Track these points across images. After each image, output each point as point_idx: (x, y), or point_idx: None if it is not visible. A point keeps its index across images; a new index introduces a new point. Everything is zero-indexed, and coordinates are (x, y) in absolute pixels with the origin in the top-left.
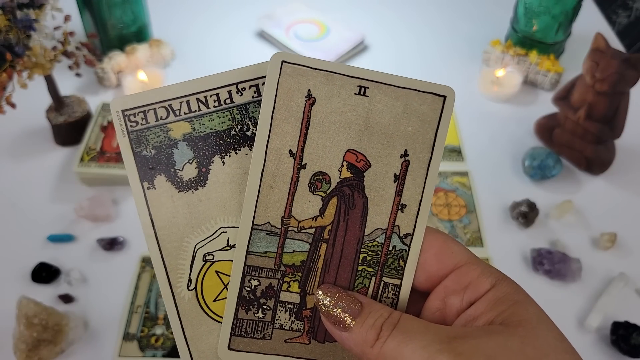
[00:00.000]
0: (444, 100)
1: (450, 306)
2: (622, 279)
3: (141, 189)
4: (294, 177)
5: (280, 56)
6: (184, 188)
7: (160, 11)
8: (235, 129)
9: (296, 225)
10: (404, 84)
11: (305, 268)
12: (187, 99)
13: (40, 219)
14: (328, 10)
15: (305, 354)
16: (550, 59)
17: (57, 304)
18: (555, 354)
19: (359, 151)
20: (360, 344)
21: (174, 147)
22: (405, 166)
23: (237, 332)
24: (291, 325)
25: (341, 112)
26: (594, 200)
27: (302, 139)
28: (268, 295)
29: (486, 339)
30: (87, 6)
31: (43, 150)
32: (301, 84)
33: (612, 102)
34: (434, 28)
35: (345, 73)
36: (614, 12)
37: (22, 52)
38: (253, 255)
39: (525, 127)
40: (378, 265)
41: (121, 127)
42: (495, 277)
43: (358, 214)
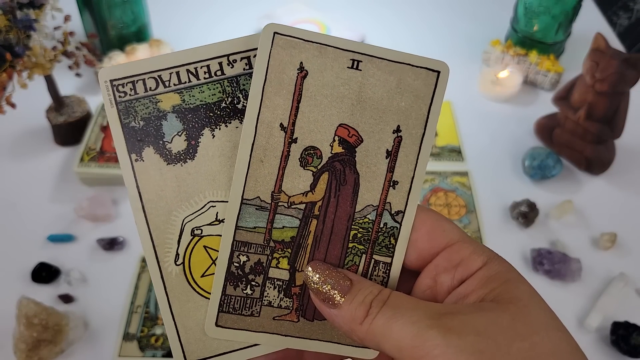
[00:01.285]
0: (437, 75)
1: (440, 284)
2: (622, 279)
3: (129, 161)
4: (285, 152)
5: (273, 27)
6: (172, 161)
7: (160, 11)
8: (225, 101)
9: (286, 201)
10: (398, 58)
11: (294, 244)
12: (177, 70)
13: (40, 219)
14: (328, 10)
15: (294, 332)
16: (550, 59)
17: (57, 304)
18: (546, 331)
19: (351, 126)
20: (349, 320)
21: (163, 119)
22: (398, 142)
23: (224, 309)
24: (280, 303)
25: (334, 85)
26: (594, 200)
27: (294, 113)
28: (257, 272)
29: (476, 315)
30: (87, 6)
31: (43, 150)
32: (293, 56)
33: (612, 102)
34: (434, 28)
35: (338, 46)
36: (615, 13)
37: (22, 52)
38: (242, 230)
39: (525, 127)
40: (369, 243)
41: (109, 97)
42: (487, 256)
43: (349, 190)
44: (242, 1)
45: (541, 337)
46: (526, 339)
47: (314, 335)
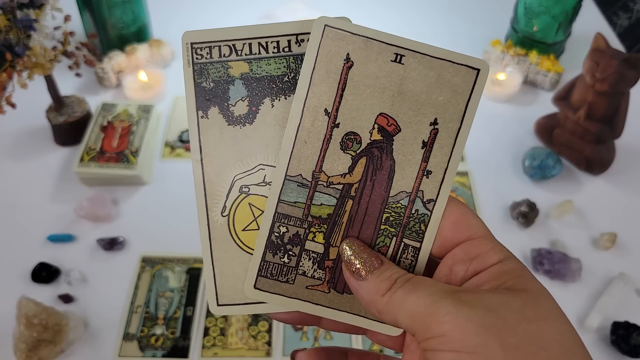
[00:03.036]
0: (477, 73)
1: (455, 274)
2: (622, 279)
3: (196, 117)
4: (327, 135)
5: (324, 20)
6: (233, 122)
7: (160, 11)
8: (288, 76)
9: (325, 180)
10: (439, 54)
11: (330, 221)
12: (249, 42)
13: (40, 219)
14: (328, 10)
15: (324, 302)
16: (550, 59)
17: (57, 304)
18: (553, 320)
19: (391, 115)
20: (372, 292)
21: (231, 84)
22: (434, 134)
23: (263, 273)
24: (313, 273)
25: (376, 77)
26: (594, 200)
27: (338, 100)
28: (294, 243)
29: (490, 294)
30: (87, 6)
31: (43, 150)
32: (341, 47)
33: (612, 102)
34: (434, 28)
35: (383, 40)
36: (615, 13)
37: (22, 52)
38: (284, 203)
39: (525, 127)
40: (400, 227)
41: (188, 57)
42: (504, 255)
43: (385, 176)
44: (242, 1)
45: (548, 324)
46: (533, 323)
47: (342, 307)
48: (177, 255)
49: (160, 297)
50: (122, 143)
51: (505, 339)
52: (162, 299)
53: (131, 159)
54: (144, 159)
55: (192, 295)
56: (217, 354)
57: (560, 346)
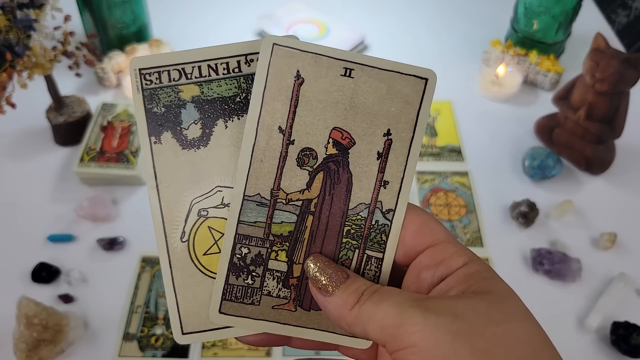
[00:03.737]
0: (425, 82)
1: (422, 280)
2: (622, 279)
3: (148, 143)
4: (283, 152)
5: (272, 39)
6: (187, 146)
7: (160, 11)
8: (240, 96)
9: (284, 198)
10: (387, 66)
11: (292, 238)
12: (199, 65)
13: (40, 219)
14: (328, 10)
15: (291, 321)
16: (550, 59)
17: (57, 304)
18: (520, 320)
19: (345, 129)
20: (340, 306)
21: (183, 107)
22: (388, 144)
23: (227, 297)
24: (278, 293)
25: (328, 92)
26: (594, 200)
27: (291, 117)
28: (257, 263)
29: (456, 300)
30: (87, 6)
31: (43, 150)
32: (291, 65)
33: (612, 102)
34: (434, 28)
35: (332, 55)
36: (614, 11)
37: (22, 52)
38: (244, 224)
39: (525, 127)
40: (361, 239)
41: (137, 84)
42: (468, 257)
43: (343, 189)
44: (242, 1)
45: (515, 325)
46: (500, 325)
47: (310, 325)
48: None
49: (160, 297)
50: (122, 143)
51: (474, 343)
52: (162, 299)
53: (131, 159)
54: None
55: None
56: (217, 354)
57: (528, 346)
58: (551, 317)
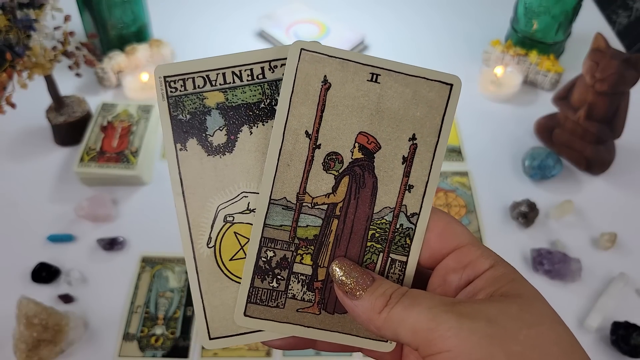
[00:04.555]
0: (450, 88)
1: (449, 283)
2: (622, 279)
3: (174, 150)
4: (309, 157)
5: (300, 44)
6: (212, 152)
7: (160, 11)
8: (264, 102)
9: (310, 201)
10: (413, 72)
11: (317, 242)
12: (223, 72)
13: (40, 219)
14: (328, 10)
15: (316, 324)
16: (550, 59)
17: (57, 304)
18: (550, 323)
19: (370, 134)
20: (368, 310)
21: (207, 114)
22: (413, 149)
23: (252, 300)
24: (303, 296)
25: (354, 97)
26: (594, 200)
27: (318, 121)
28: (282, 266)
29: (487, 304)
30: (87, 6)
31: (43, 150)
32: (318, 70)
33: (612, 102)
34: (433, 28)
35: (359, 61)
36: (614, 12)
37: (22, 52)
38: (270, 228)
39: (525, 127)
40: (386, 242)
41: (162, 91)
42: (494, 259)
43: (368, 193)
44: (242, 1)
45: (546, 328)
46: (533, 328)
47: (334, 328)
48: (177, 255)
49: (160, 297)
50: (122, 143)
51: (509, 347)
52: (162, 299)
53: (131, 159)
54: (144, 159)
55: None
56: (217, 354)
57: (560, 348)
58: None
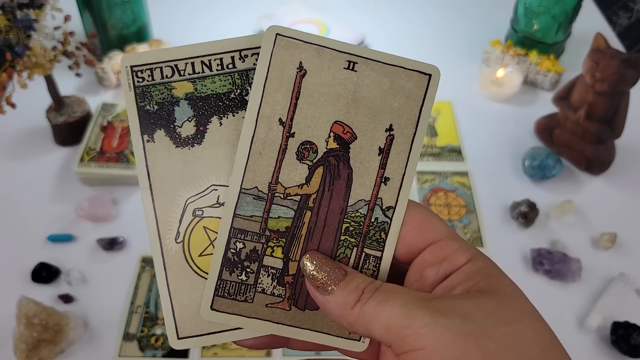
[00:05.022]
0: (429, 78)
1: (426, 278)
2: (622, 279)
3: (141, 141)
4: (283, 145)
5: (275, 29)
6: (181, 144)
7: (160, 11)
8: (234, 92)
9: (282, 192)
10: (391, 61)
11: (289, 234)
12: (192, 61)
13: (40, 219)
14: (328, 10)
15: (285, 320)
16: (550, 59)
17: (57, 304)
18: (528, 320)
19: (346, 123)
20: (341, 305)
21: (176, 105)
22: (390, 140)
23: (220, 293)
24: (273, 290)
25: (330, 84)
26: (594, 200)
27: (292, 109)
28: (252, 259)
29: (463, 300)
30: (87, 6)
31: (43, 150)
32: (293, 56)
33: (612, 102)
34: (433, 28)
35: (335, 48)
36: (615, 13)
37: (22, 52)
38: (240, 218)
39: (525, 127)
40: (360, 236)
41: (128, 81)
42: (472, 253)
43: (342, 185)
44: (242, 1)
45: (524, 325)
46: (510, 325)
47: (304, 325)
48: None
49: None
50: (122, 143)
51: (485, 345)
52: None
53: (131, 159)
54: None
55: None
56: (217, 354)
57: (538, 346)
58: (551, 317)
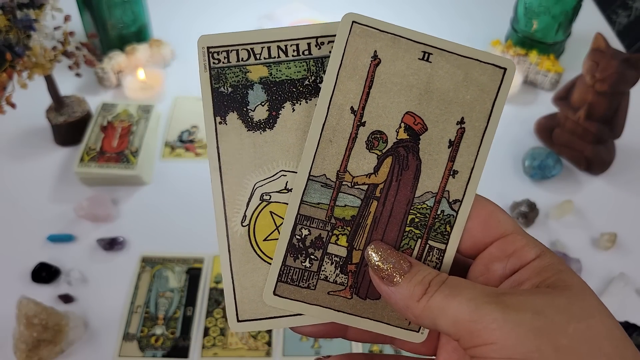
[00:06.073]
0: (504, 72)
1: (493, 272)
2: (622, 279)
3: (213, 123)
4: (353, 134)
5: (351, 17)
6: (253, 128)
7: (160, 11)
8: (309, 79)
9: (350, 180)
10: (467, 53)
11: (354, 223)
12: (268, 45)
13: (40, 219)
14: (328, 10)
15: (346, 308)
16: (550, 59)
17: (57, 304)
18: (600, 316)
19: (418, 114)
20: (407, 297)
21: (250, 88)
22: (461, 133)
23: (283, 279)
24: (335, 278)
25: (404, 75)
26: (594, 200)
27: (364, 98)
28: (316, 246)
29: (534, 295)
30: (87, 6)
31: (43, 150)
32: (368, 44)
33: (612, 102)
34: (434, 28)
35: (411, 38)
36: (614, 11)
37: (22, 52)
38: (306, 205)
39: (525, 127)
40: (425, 228)
41: (204, 62)
42: (540, 249)
43: (410, 176)
44: (242, 1)
45: (596, 321)
46: (582, 321)
47: (365, 314)
48: (177, 255)
49: (160, 297)
50: (122, 143)
51: (557, 340)
52: (162, 299)
53: (131, 159)
54: (144, 159)
55: (192, 295)
56: (217, 354)
57: (611, 342)
58: None
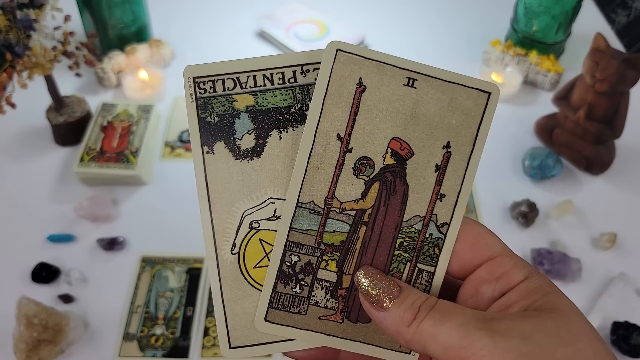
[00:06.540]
0: (488, 96)
1: (482, 294)
2: (622, 279)
3: (201, 152)
4: (340, 160)
5: (336, 44)
6: (240, 156)
7: (160, 11)
8: (295, 107)
9: (338, 206)
10: (451, 78)
11: (343, 248)
12: (254, 74)
13: (40, 219)
14: (328, 10)
15: (338, 332)
16: (550, 59)
17: (57, 304)
18: (587, 340)
19: (404, 140)
20: (397, 323)
21: (236, 117)
22: (447, 157)
23: (274, 305)
24: (326, 303)
25: (389, 101)
26: (594, 200)
27: (350, 124)
28: (306, 272)
29: (522, 320)
30: (87, 6)
31: (43, 150)
32: (353, 72)
33: (612, 102)
34: (433, 28)
35: (395, 64)
36: (614, 11)
37: (22, 52)
38: (295, 231)
39: (525, 127)
40: (414, 252)
41: (190, 92)
42: (528, 271)
43: (398, 200)
44: (242, 1)
45: (584, 345)
46: (570, 345)
47: (356, 337)
48: (177, 255)
49: (160, 297)
50: (122, 143)
51: None
52: (162, 299)
53: (131, 159)
54: (144, 159)
55: (192, 296)
56: (217, 354)
57: None
58: None
